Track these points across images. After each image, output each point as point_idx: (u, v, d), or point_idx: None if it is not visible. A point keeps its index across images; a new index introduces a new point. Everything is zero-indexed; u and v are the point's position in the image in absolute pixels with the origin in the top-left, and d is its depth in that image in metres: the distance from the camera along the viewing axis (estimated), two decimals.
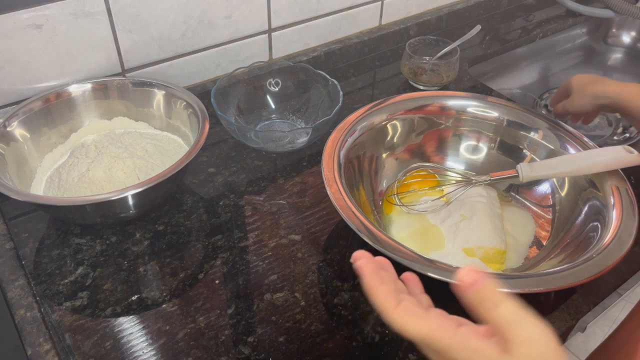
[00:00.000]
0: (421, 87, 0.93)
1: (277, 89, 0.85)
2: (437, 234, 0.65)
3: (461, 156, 0.74)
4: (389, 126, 0.72)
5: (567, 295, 0.59)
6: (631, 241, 0.54)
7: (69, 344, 0.54)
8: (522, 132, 0.71)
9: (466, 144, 0.74)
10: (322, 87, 0.82)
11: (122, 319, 0.57)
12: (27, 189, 0.67)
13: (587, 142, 0.67)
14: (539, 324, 0.30)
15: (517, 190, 0.71)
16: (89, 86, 0.75)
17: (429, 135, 0.74)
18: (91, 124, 0.76)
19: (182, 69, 0.84)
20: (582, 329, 0.65)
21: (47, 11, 0.68)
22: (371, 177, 0.70)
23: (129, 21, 0.75)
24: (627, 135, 0.81)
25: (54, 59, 0.72)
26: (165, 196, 0.69)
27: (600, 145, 0.66)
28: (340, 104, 0.75)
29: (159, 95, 0.76)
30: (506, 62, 1.12)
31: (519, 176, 0.65)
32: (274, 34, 0.91)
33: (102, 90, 0.75)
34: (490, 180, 0.67)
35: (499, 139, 0.73)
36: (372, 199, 0.69)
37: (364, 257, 0.36)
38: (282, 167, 0.77)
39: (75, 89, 0.74)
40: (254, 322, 0.57)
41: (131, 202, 0.61)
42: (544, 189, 0.69)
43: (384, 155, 0.72)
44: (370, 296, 0.35)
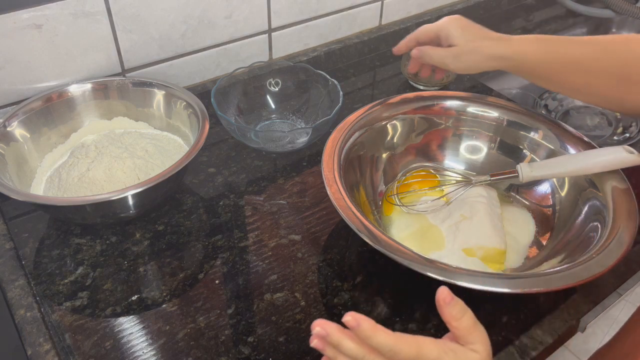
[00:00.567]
0: (421, 87, 0.93)
1: (277, 89, 0.85)
2: (437, 234, 0.65)
3: (461, 156, 0.74)
4: (389, 126, 0.72)
5: (567, 295, 0.59)
6: (631, 241, 0.54)
7: (69, 344, 0.54)
8: (522, 132, 0.71)
9: (466, 144, 0.74)
10: (322, 87, 0.82)
11: (122, 319, 0.57)
12: (27, 189, 0.67)
13: (587, 142, 0.67)
14: (483, 329, 0.41)
15: (517, 190, 0.71)
16: (89, 86, 0.75)
17: (429, 135, 0.74)
18: (91, 124, 0.76)
19: (182, 69, 0.84)
20: (582, 329, 0.65)
21: (47, 11, 0.68)
22: (371, 177, 0.70)
23: (129, 21, 0.75)
24: (627, 135, 0.81)
25: (54, 59, 0.72)
26: (165, 196, 0.69)
27: (600, 145, 0.66)
28: (340, 104, 0.75)
29: (159, 95, 0.76)
30: None
31: (519, 176, 0.65)
32: (274, 34, 0.91)
33: (102, 90, 0.75)
34: (490, 180, 0.67)
35: (499, 139, 0.73)
36: (372, 199, 0.69)
37: (320, 341, 0.41)
38: (282, 167, 0.77)
39: (75, 89, 0.74)
40: (254, 322, 0.57)
41: (131, 202, 0.61)
42: (544, 189, 0.69)
43: (384, 155, 0.72)
44: None
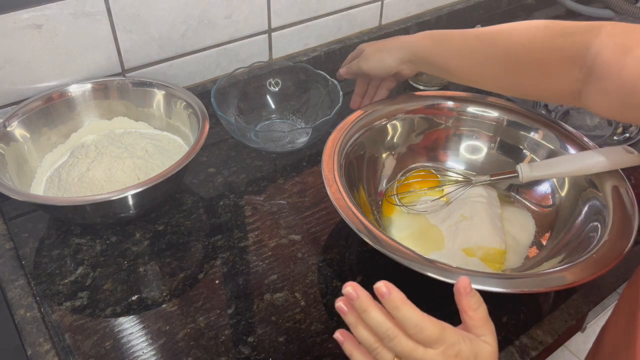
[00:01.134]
0: (421, 87, 0.93)
1: (277, 89, 0.85)
2: (437, 234, 0.65)
3: (461, 156, 0.74)
4: (389, 126, 0.72)
5: (567, 295, 0.59)
6: (631, 241, 0.54)
7: (69, 344, 0.54)
8: (522, 132, 0.71)
9: (466, 144, 0.74)
10: (322, 87, 0.82)
11: (122, 319, 0.57)
12: (27, 189, 0.67)
13: (587, 142, 0.67)
14: (493, 326, 0.43)
15: (517, 190, 0.71)
16: (89, 86, 0.75)
17: (429, 135, 0.74)
18: (91, 124, 0.76)
19: (182, 69, 0.84)
20: (582, 329, 0.65)
21: (47, 11, 0.68)
22: (371, 177, 0.70)
23: (129, 21, 0.75)
24: (627, 135, 0.81)
25: (54, 59, 0.72)
26: (165, 196, 0.69)
27: (600, 145, 0.66)
28: (340, 104, 0.75)
29: (159, 95, 0.76)
30: None
31: (519, 176, 0.65)
32: (274, 34, 0.91)
33: (102, 90, 0.75)
34: (490, 180, 0.67)
35: (499, 139, 0.73)
36: (372, 199, 0.69)
37: (345, 304, 0.41)
38: (282, 167, 0.77)
39: (75, 89, 0.74)
40: (254, 322, 0.57)
41: (131, 202, 0.61)
42: (544, 189, 0.69)
43: (384, 155, 0.72)
44: (350, 358, 0.43)
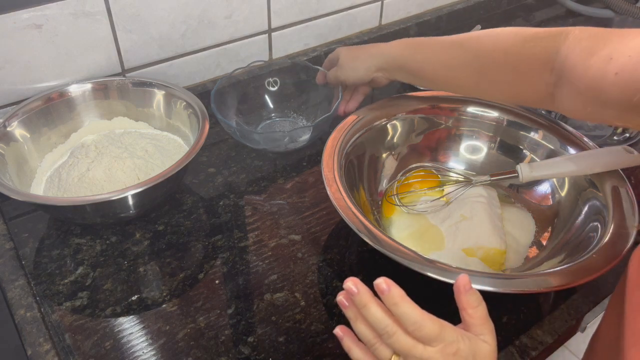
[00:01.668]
0: (421, 87, 0.93)
1: (276, 88, 0.85)
2: (437, 234, 0.65)
3: (461, 156, 0.74)
4: (389, 126, 0.72)
5: (567, 295, 0.59)
6: (631, 241, 0.54)
7: (69, 344, 0.54)
8: (522, 132, 0.71)
9: (466, 144, 0.74)
10: (321, 85, 0.82)
11: (122, 319, 0.57)
12: (27, 189, 0.67)
13: (587, 142, 0.67)
14: (493, 325, 0.42)
15: (517, 190, 0.71)
16: (89, 86, 0.75)
17: (429, 135, 0.74)
18: (91, 124, 0.76)
19: (182, 69, 0.84)
20: (582, 329, 0.65)
21: (47, 11, 0.68)
22: (371, 177, 0.70)
23: (129, 21, 0.75)
24: (627, 135, 0.81)
25: (54, 59, 0.72)
26: (165, 196, 0.69)
27: (600, 145, 0.66)
28: (340, 100, 0.75)
29: (159, 95, 0.76)
30: None
31: (518, 176, 0.65)
32: (274, 34, 0.91)
33: (102, 90, 0.75)
34: (490, 180, 0.67)
35: (499, 139, 0.73)
36: (372, 199, 0.69)
37: (346, 298, 0.42)
38: (282, 167, 0.77)
39: (75, 89, 0.74)
40: (254, 322, 0.57)
41: (131, 202, 0.61)
42: (544, 189, 0.69)
43: (384, 155, 0.72)
44: (349, 353, 0.43)
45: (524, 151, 0.71)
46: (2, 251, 0.63)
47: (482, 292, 0.42)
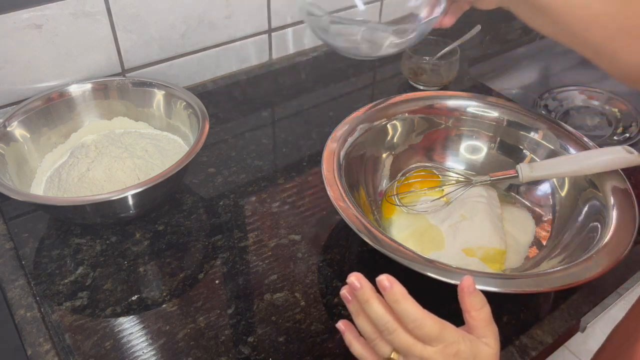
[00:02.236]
0: (421, 87, 0.93)
1: None
2: (437, 234, 0.65)
3: (461, 156, 0.74)
4: (389, 126, 0.72)
5: (567, 295, 0.59)
6: (631, 241, 0.54)
7: (69, 344, 0.54)
8: (522, 132, 0.71)
9: (466, 144, 0.74)
10: None
11: (122, 319, 0.57)
12: (27, 189, 0.67)
13: (587, 142, 0.67)
14: (496, 328, 0.42)
15: (517, 190, 0.71)
16: (89, 86, 0.75)
17: (429, 135, 0.74)
18: (91, 124, 0.76)
19: (182, 69, 0.84)
20: (582, 329, 0.65)
21: (47, 11, 0.68)
22: (371, 177, 0.70)
23: (129, 21, 0.75)
24: (627, 135, 0.81)
25: (54, 59, 0.72)
26: (165, 196, 0.69)
27: (600, 145, 0.66)
28: (444, 5, 0.67)
29: (159, 95, 0.76)
30: (506, 62, 1.11)
31: (518, 176, 0.65)
32: (274, 34, 0.91)
33: (102, 90, 0.75)
34: (490, 180, 0.67)
35: (499, 139, 0.73)
36: (372, 199, 0.69)
37: (349, 292, 0.42)
38: (282, 167, 0.77)
39: (75, 89, 0.74)
40: (254, 322, 0.57)
41: (131, 202, 0.61)
42: (544, 189, 0.69)
43: (384, 155, 0.72)
44: (350, 348, 0.44)
45: (524, 151, 0.71)
46: (2, 251, 0.63)
47: (482, 292, 0.42)
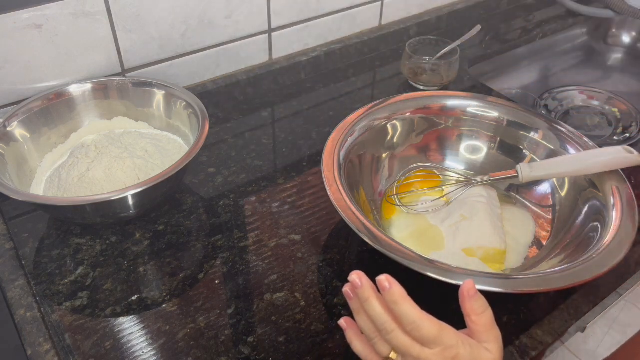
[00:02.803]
0: (421, 87, 0.93)
1: None
2: (437, 234, 0.65)
3: (461, 156, 0.74)
4: (389, 126, 0.72)
5: (567, 295, 0.59)
6: (631, 241, 0.54)
7: (69, 344, 0.54)
8: (522, 132, 0.71)
9: (466, 144, 0.74)
10: None
11: (122, 319, 0.57)
12: (27, 189, 0.67)
13: (587, 142, 0.67)
14: (499, 333, 0.42)
15: (517, 190, 0.71)
16: (89, 86, 0.75)
17: (429, 135, 0.74)
18: (91, 124, 0.76)
19: (182, 69, 0.84)
20: (582, 329, 0.65)
21: (47, 11, 0.68)
22: (371, 177, 0.70)
23: (129, 21, 0.75)
24: (627, 135, 0.81)
25: (54, 59, 0.72)
26: (165, 196, 0.69)
27: (600, 145, 0.66)
28: None
29: (159, 95, 0.76)
30: (506, 62, 1.11)
31: (518, 176, 0.65)
32: (274, 34, 0.91)
33: (102, 90, 0.75)
34: (490, 180, 0.67)
35: (499, 139, 0.73)
36: (372, 199, 0.69)
37: (351, 290, 0.43)
38: (282, 167, 0.77)
39: (75, 89, 0.74)
40: (254, 322, 0.57)
41: (131, 202, 0.61)
42: (544, 189, 0.69)
43: (384, 155, 0.72)
44: (350, 345, 0.44)
45: (524, 151, 0.71)
46: (2, 251, 0.63)
47: (482, 292, 0.42)
